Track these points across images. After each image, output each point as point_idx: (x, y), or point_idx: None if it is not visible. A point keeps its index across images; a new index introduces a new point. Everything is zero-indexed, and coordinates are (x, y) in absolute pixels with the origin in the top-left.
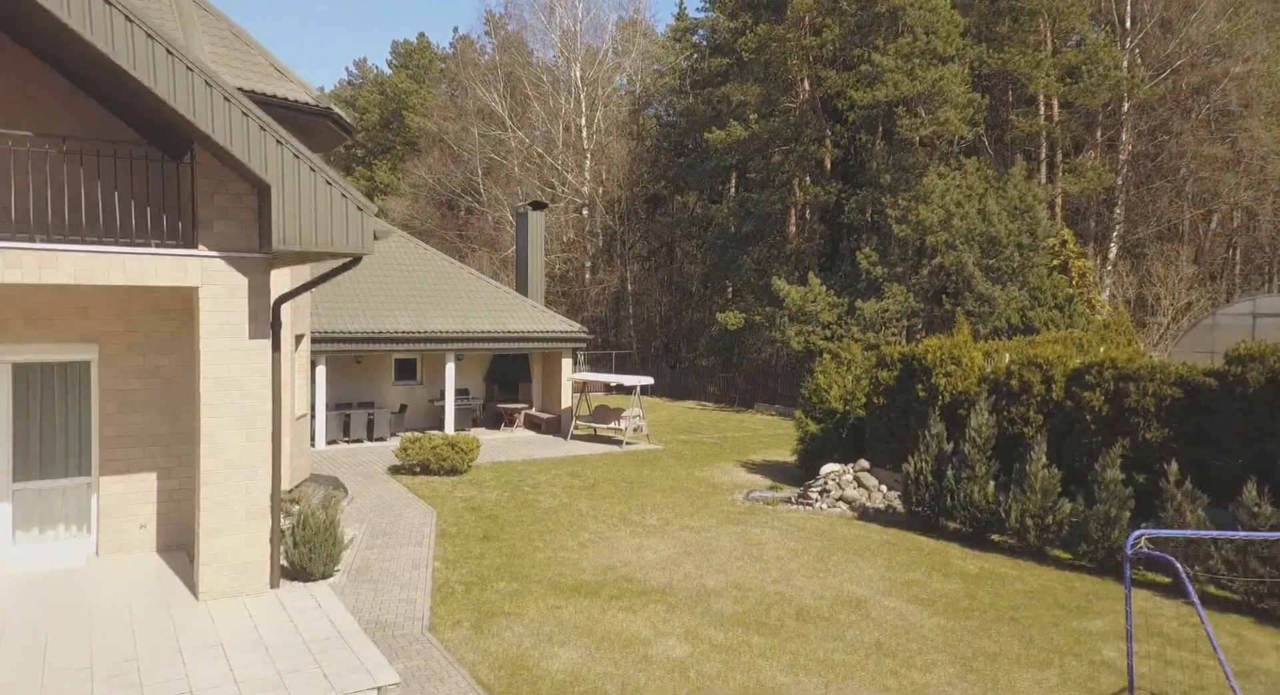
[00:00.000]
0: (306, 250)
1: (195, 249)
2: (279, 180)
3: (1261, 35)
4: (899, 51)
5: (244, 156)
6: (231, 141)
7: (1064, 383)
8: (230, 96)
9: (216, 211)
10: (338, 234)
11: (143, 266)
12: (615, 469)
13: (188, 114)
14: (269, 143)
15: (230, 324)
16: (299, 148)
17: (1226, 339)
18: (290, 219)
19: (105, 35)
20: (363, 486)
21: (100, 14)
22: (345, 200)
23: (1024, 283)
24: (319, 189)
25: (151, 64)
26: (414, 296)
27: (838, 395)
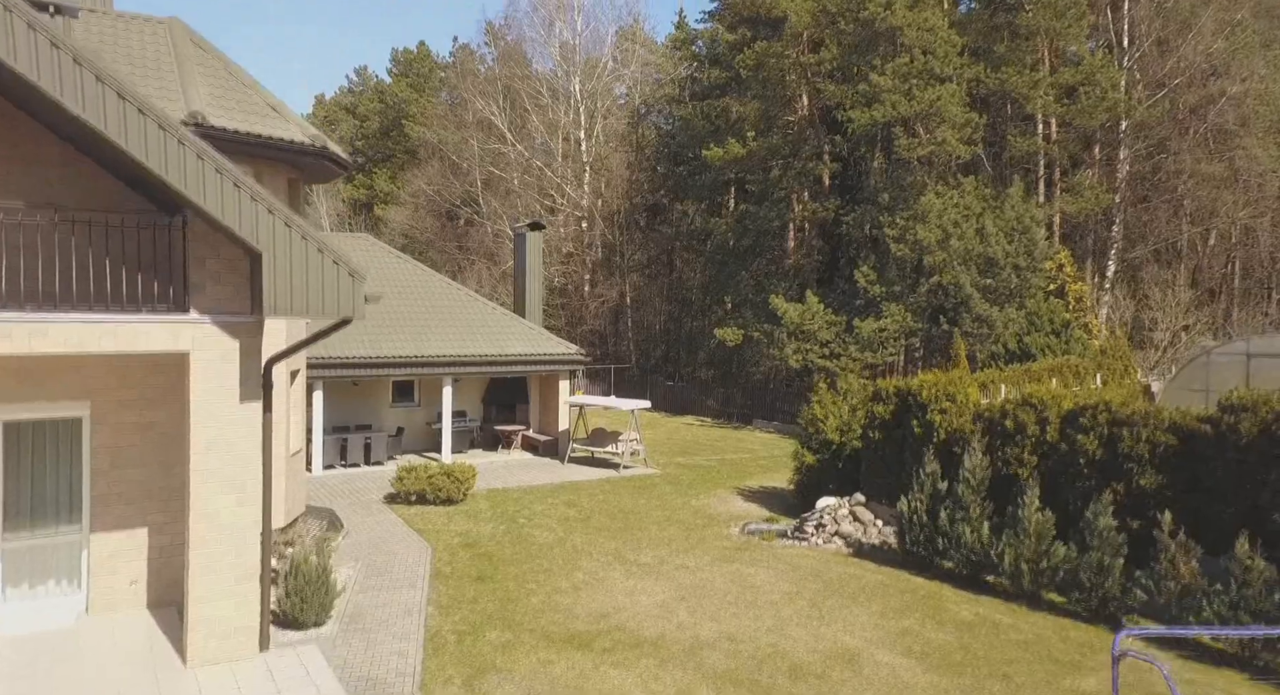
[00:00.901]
0: (298, 318)
1: (187, 313)
2: (270, 248)
3: (1258, 54)
4: (896, 72)
5: (235, 226)
6: (223, 212)
7: (1059, 424)
8: (222, 169)
9: (209, 275)
10: (329, 300)
11: (134, 333)
12: (611, 498)
13: (179, 186)
14: (260, 212)
15: (222, 388)
16: (290, 216)
17: (1221, 377)
18: (282, 287)
19: (98, 111)
20: (358, 518)
21: (93, 91)
22: (337, 267)
23: (1021, 304)
24: (310, 257)
25: (144, 138)
26: (412, 319)
27: (834, 426)
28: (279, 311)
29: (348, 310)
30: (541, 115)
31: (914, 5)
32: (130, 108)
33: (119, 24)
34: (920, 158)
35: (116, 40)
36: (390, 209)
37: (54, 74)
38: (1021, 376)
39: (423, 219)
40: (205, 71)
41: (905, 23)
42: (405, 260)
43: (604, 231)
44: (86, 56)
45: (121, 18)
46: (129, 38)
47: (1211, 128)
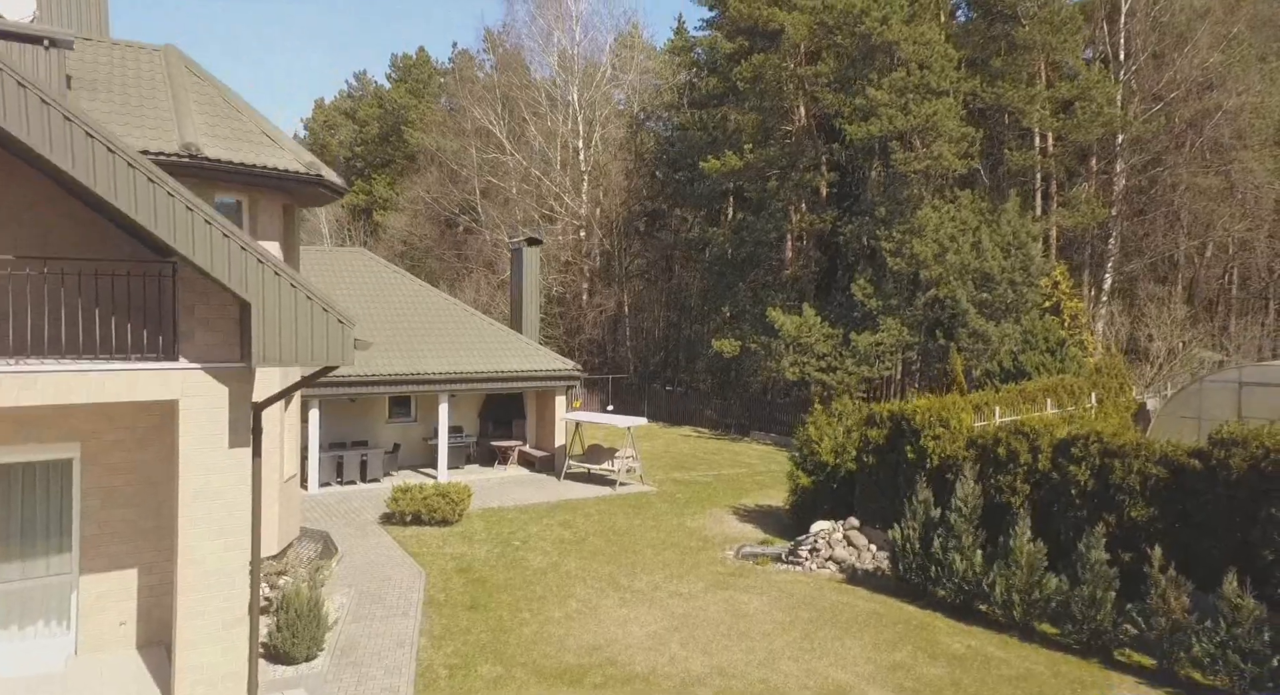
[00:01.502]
0: (287, 366)
1: (176, 361)
2: (259, 298)
3: (1254, 67)
4: (893, 86)
5: (225, 277)
6: (213, 263)
7: (1050, 453)
8: (212, 219)
9: (199, 322)
10: (318, 348)
11: (122, 383)
12: (606, 518)
13: (168, 238)
14: (250, 262)
15: (210, 436)
16: (280, 265)
17: (1213, 405)
18: (270, 336)
19: (87, 165)
20: (354, 540)
21: (82, 145)
22: (327, 315)
23: (1018, 319)
24: (300, 305)
25: (133, 190)
26: (408, 335)
27: (828, 448)
28: (268, 361)
29: (337, 357)
30: (540, 124)
31: (910, 19)
32: (119, 160)
33: (114, 53)
34: (916, 171)
35: (112, 70)
36: (389, 215)
37: (43, 129)
38: (1016, 397)
39: (421, 226)
40: (200, 99)
41: (901, 37)
42: (401, 274)
43: (602, 240)
44: (75, 111)
45: (117, 46)
46: (124, 66)
47: (1208, 141)
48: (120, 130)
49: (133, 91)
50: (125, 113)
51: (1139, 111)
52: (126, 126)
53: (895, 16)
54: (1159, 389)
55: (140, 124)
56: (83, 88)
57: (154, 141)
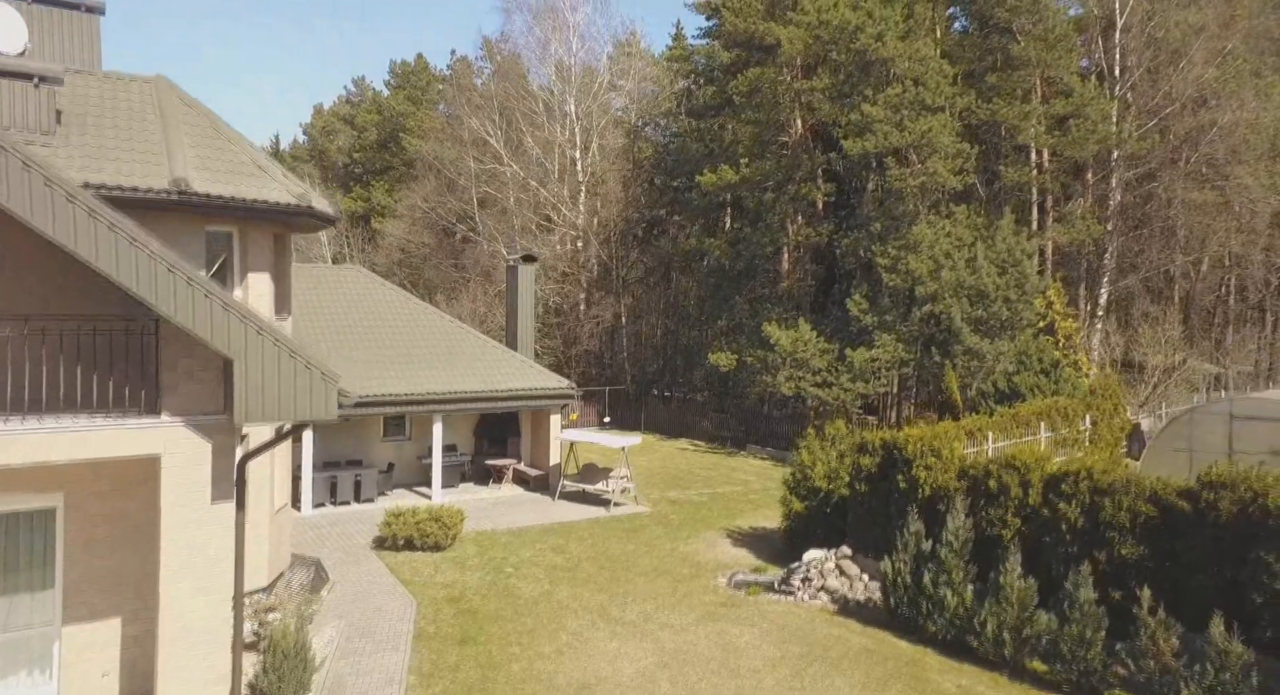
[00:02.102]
0: (270, 423)
1: (158, 416)
2: (242, 356)
3: (1248, 82)
4: (888, 102)
5: (207, 336)
6: (194, 323)
7: (1041, 488)
8: (194, 281)
9: (182, 375)
10: (301, 404)
11: (103, 441)
12: (599, 542)
13: (150, 299)
14: (233, 321)
15: (193, 490)
16: (262, 324)
17: (1204, 437)
18: (254, 394)
19: (68, 229)
20: (345, 567)
21: (64, 209)
22: (310, 371)
23: (1014, 336)
24: (283, 362)
25: (114, 253)
26: (402, 354)
27: (821, 473)
28: (251, 419)
29: (320, 413)
30: (537, 134)
31: (905, 35)
32: (100, 225)
33: (105, 85)
34: (911, 187)
35: (102, 102)
36: (388, 222)
37: (24, 193)
38: (1010, 422)
39: (420, 233)
40: (191, 131)
41: (897, 53)
42: (396, 292)
43: (599, 251)
44: (57, 177)
45: (108, 78)
46: (115, 98)
47: (1203, 157)
48: (110, 166)
49: (123, 125)
50: (115, 148)
51: (1134, 127)
52: (116, 162)
53: (890, 33)
54: (1153, 408)
55: (130, 159)
56: (73, 122)
57: (144, 177)
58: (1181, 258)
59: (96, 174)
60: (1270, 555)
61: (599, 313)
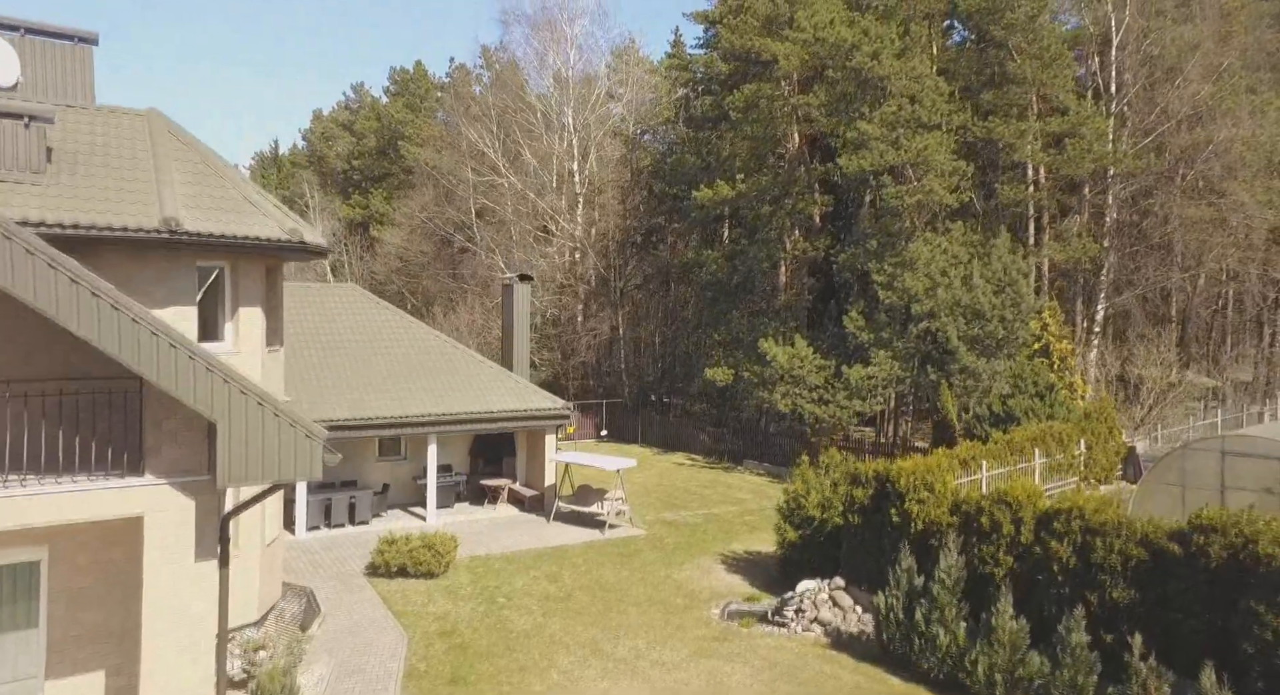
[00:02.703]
0: (254, 484)
1: (142, 476)
2: (225, 417)
3: (1244, 99)
4: (884, 120)
5: (190, 399)
6: (178, 385)
7: (1033, 525)
8: (177, 343)
9: (166, 436)
10: (285, 465)
11: (85, 503)
12: (593, 569)
13: (133, 364)
14: (216, 382)
15: (176, 549)
16: (246, 384)
17: (1196, 473)
18: (237, 456)
19: (50, 298)
20: (338, 596)
21: (45, 277)
22: (294, 430)
23: (1010, 355)
24: (267, 422)
25: (96, 319)
26: (397, 375)
27: (815, 502)
28: (234, 481)
29: (305, 472)
30: (535, 147)
31: (902, 53)
32: (83, 291)
33: (97, 120)
34: (908, 205)
35: (94, 139)
36: (386, 230)
37: (6, 266)
38: (1004, 449)
39: (418, 242)
40: (182, 167)
41: (892, 71)
42: (392, 311)
43: (596, 264)
44: (39, 245)
45: (100, 112)
46: (107, 134)
47: (1199, 174)
48: (100, 206)
49: (114, 162)
50: (106, 186)
51: (1130, 144)
52: (107, 201)
53: (886, 51)
54: (1149, 430)
55: (121, 197)
56: (63, 160)
57: (135, 216)
58: (1179, 274)
59: (87, 214)
60: (1260, 605)
61: (596, 325)
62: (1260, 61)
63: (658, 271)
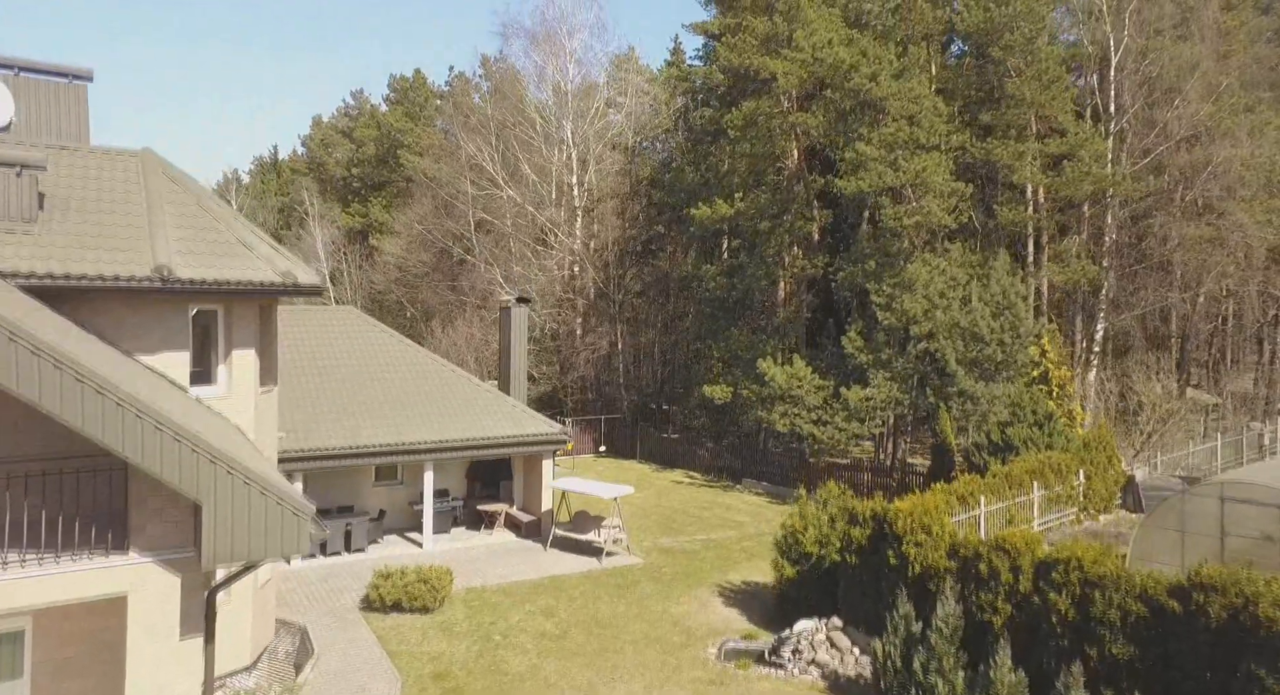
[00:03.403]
0: (240, 563)
1: (126, 554)
2: (211, 497)
3: (1243, 119)
4: (883, 141)
5: (175, 480)
6: (162, 468)
7: (1031, 573)
8: (161, 425)
9: (151, 513)
10: (272, 542)
11: (68, 584)
12: (590, 602)
13: (117, 447)
14: (201, 463)
15: (161, 627)
16: (232, 463)
17: (1195, 519)
18: (222, 536)
19: (33, 384)
20: (332, 633)
21: (28, 363)
22: (281, 507)
23: (1010, 378)
24: (254, 500)
25: (80, 404)
26: (394, 400)
27: (813, 538)
28: (219, 561)
29: (291, 549)
30: (534, 160)
31: (900, 74)
32: (67, 376)
33: (90, 162)
34: (906, 226)
35: (86, 183)
36: (385, 239)
37: None
38: (1003, 483)
39: (417, 252)
40: (175, 209)
41: (891, 93)
42: (389, 333)
43: (595, 277)
44: (23, 331)
45: (94, 154)
46: (99, 178)
47: (1199, 195)
48: (92, 254)
49: (107, 207)
50: (99, 233)
51: (1129, 165)
52: (99, 250)
53: (884, 72)
54: (1148, 457)
55: (113, 245)
56: (55, 207)
57: (126, 265)
58: (1178, 296)
59: (78, 263)
60: (1261, 669)
61: (595, 340)
62: (1259, 78)
63: (657, 280)
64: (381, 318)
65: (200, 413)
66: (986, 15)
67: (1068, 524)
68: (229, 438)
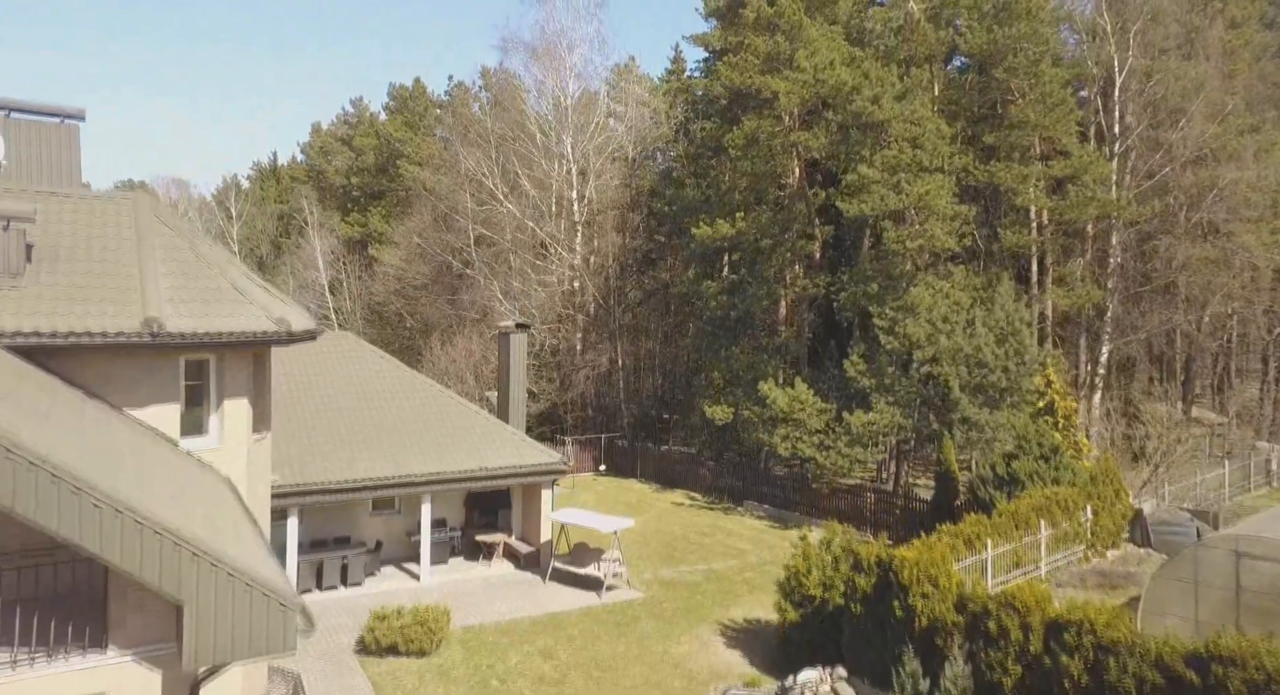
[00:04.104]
0: (224, 662)
1: (105, 652)
2: (194, 596)
3: (1249, 140)
4: (885, 163)
5: (155, 580)
6: (142, 568)
7: (1042, 632)
8: (142, 521)
9: (131, 607)
10: (257, 640)
11: (42, 687)
12: (589, 642)
13: (95, 550)
14: (184, 560)
15: None
16: (217, 557)
17: (1210, 572)
18: (205, 635)
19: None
20: (326, 682)
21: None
22: (268, 600)
23: (1015, 405)
24: (238, 595)
25: (56, 508)
26: (390, 430)
27: (816, 581)
28: (202, 661)
29: (278, 646)
30: (533, 176)
31: (903, 96)
32: (42, 475)
33: (81, 207)
34: (909, 249)
35: (76, 230)
36: (385, 250)
37: None
38: (1009, 523)
39: (416, 264)
40: (168, 255)
41: (893, 115)
42: (386, 361)
43: (595, 294)
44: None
45: (85, 198)
46: (90, 223)
47: (1204, 217)
48: (80, 308)
49: (97, 255)
50: (87, 285)
51: (1134, 185)
52: (87, 303)
53: (886, 95)
54: (1155, 488)
55: (102, 297)
56: (43, 258)
57: (115, 319)
58: (1183, 316)
59: (65, 318)
60: None
61: (595, 357)
62: (1265, 95)
63: (657, 289)
64: (381, 329)
65: (188, 473)
66: (990, 37)
67: (1075, 563)
68: (218, 502)
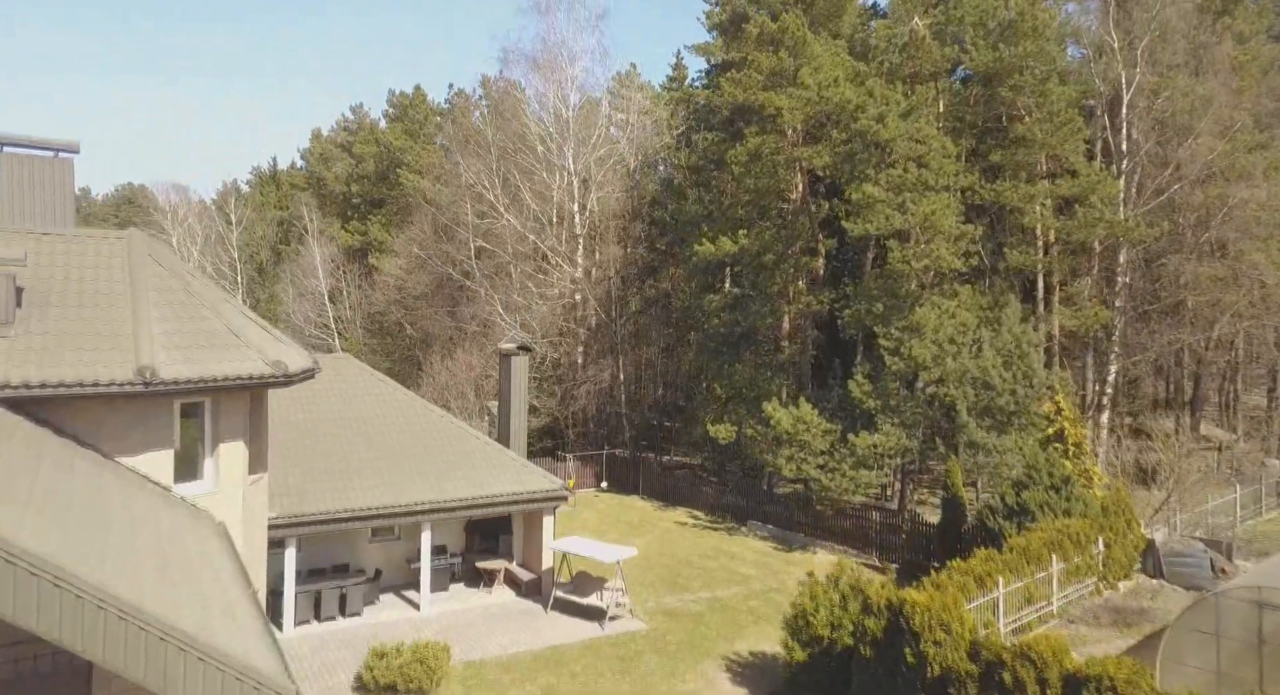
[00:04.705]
0: None
1: None
2: (179, 692)
3: (1259, 157)
4: (890, 182)
5: (140, 676)
6: (126, 664)
7: (1059, 686)
8: (126, 613)
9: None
10: None
11: None
12: (592, 681)
13: (75, 647)
14: (169, 654)
15: None
16: (205, 651)
17: (1231, 622)
18: None
19: None
20: None
21: None
22: (259, 691)
23: (1022, 425)
24: (227, 687)
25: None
26: (389, 458)
27: (824, 620)
28: None
29: None
30: (534, 188)
31: (907, 114)
32: (20, 572)
33: (73, 247)
34: (914, 269)
35: (68, 272)
36: (385, 259)
37: None
38: (1020, 559)
39: (416, 274)
40: (162, 297)
41: (897, 134)
42: (385, 383)
43: (597, 309)
44: None
45: (78, 237)
46: (83, 265)
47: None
48: (72, 355)
49: (89, 298)
50: (79, 331)
51: (1142, 203)
52: (79, 350)
53: (891, 113)
54: (1167, 516)
55: (94, 343)
56: (35, 302)
57: (108, 367)
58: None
59: (57, 368)
60: None
61: (596, 372)
62: (1273, 110)
63: (659, 298)
64: (381, 338)
65: (179, 530)
66: (995, 55)
67: (1087, 596)
68: (208, 564)
